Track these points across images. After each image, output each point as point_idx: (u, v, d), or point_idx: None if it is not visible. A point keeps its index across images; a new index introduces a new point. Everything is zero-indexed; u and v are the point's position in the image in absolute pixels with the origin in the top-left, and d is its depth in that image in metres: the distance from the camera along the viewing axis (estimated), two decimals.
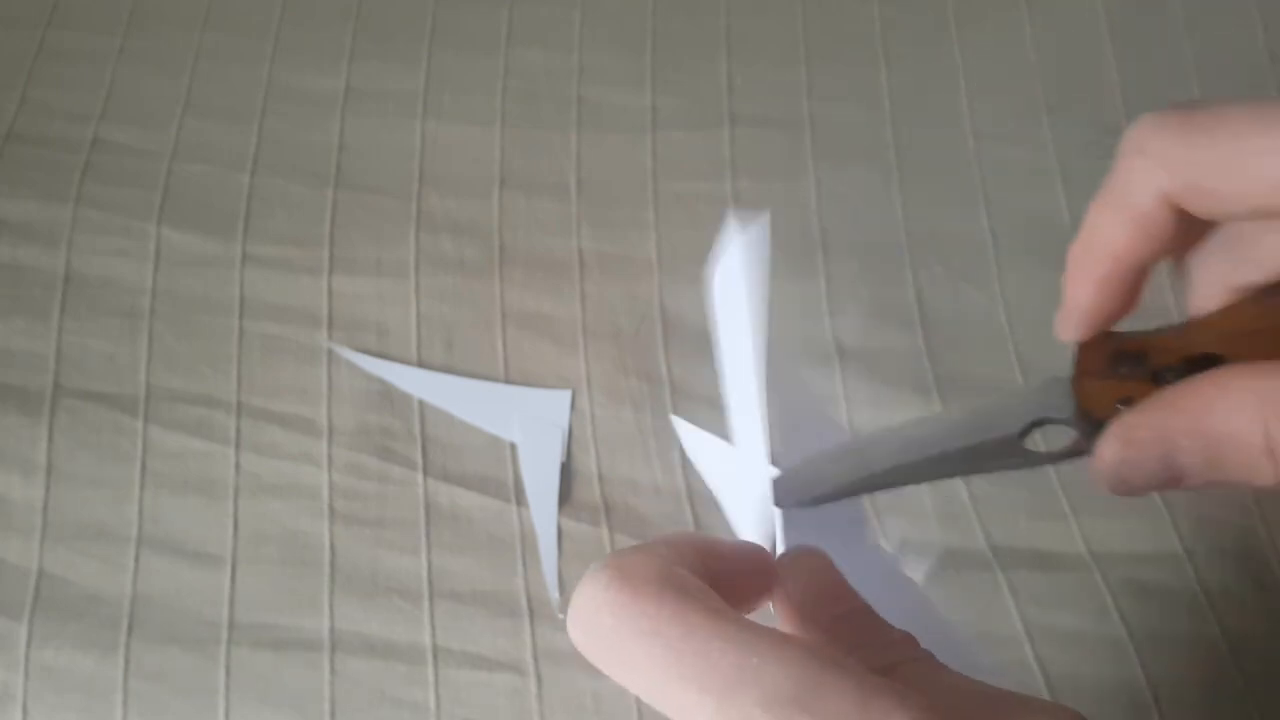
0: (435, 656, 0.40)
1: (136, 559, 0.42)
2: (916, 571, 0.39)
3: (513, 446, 0.44)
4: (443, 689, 0.40)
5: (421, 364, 0.46)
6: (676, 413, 0.45)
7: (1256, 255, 0.23)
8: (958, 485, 0.44)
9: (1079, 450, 0.26)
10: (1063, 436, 0.27)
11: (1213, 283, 0.24)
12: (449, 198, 0.50)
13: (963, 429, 0.27)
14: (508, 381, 0.46)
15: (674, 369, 0.46)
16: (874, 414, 0.45)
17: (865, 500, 0.42)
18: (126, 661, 0.40)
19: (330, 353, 0.46)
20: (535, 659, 0.40)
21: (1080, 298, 0.26)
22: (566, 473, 0.44)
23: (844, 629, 0.24)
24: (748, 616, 0.22)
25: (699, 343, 0.47)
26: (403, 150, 0.51)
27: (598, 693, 0.40)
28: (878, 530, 0.41)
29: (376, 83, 0.53)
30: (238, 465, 0.44)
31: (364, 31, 0.55)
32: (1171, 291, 0.25)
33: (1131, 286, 0.25)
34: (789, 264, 0.49)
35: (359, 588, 0.42)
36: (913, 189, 0.51)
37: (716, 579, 0.23)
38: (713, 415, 0.45)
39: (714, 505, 0.43)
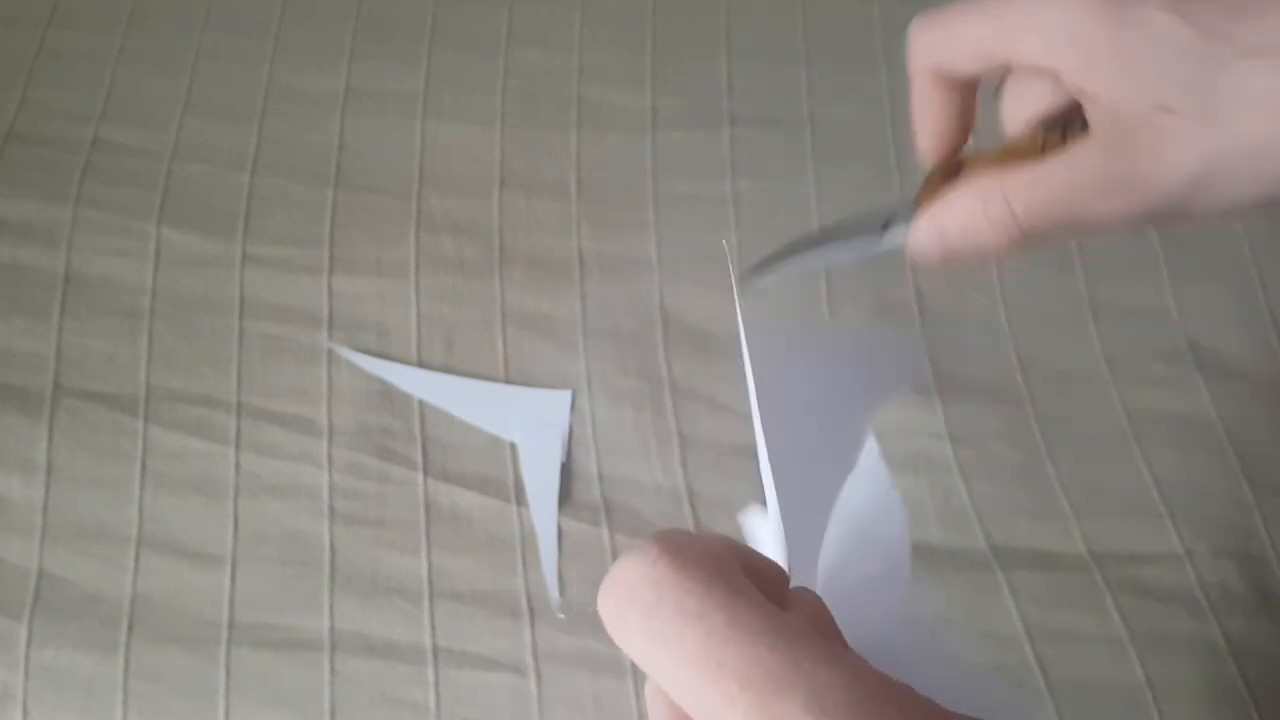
0: (435, 656, 0.40)
1: (136, 559, 0.42)
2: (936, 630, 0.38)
3: (513, 446, 0.44)
4: (443, 689, 0.40)
5: (421, 364, 0.46)
6: (677, 413, 0.45)
7: (1030, 97, 0.32)
8: (958, 485, 0.44)
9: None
10: None
11: (1011, 119, 0.33)
12: (449, 198, 0.50)
13: (846, 222, 0.35)
14: (508, 381, 0.46)
15: (674, 369, 0.46)
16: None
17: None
18: (126, 661, 0.40)
19: (330, 353, 0.46)
20: (535, 659, 0.40)
21: (920, 139, 0.35)
22: (566, 473, 0.44)
23: None
24: None
25: (699, 343, 0.47)
26: (403, 150, 0.51)
27: (598, 693, 0.40)
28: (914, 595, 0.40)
29: (376, 83, 0.53)
30: (238, 465, 0.44)
31: (364, 31, 0.55)
32: None
33: (950, 126, 0.34)
34: None
35: (359, 588, 0.42)
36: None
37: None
38: (713, 415, 0.45)
39: (713, 506, 0.44)
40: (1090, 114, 0.29)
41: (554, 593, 0.42)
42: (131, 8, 0.55)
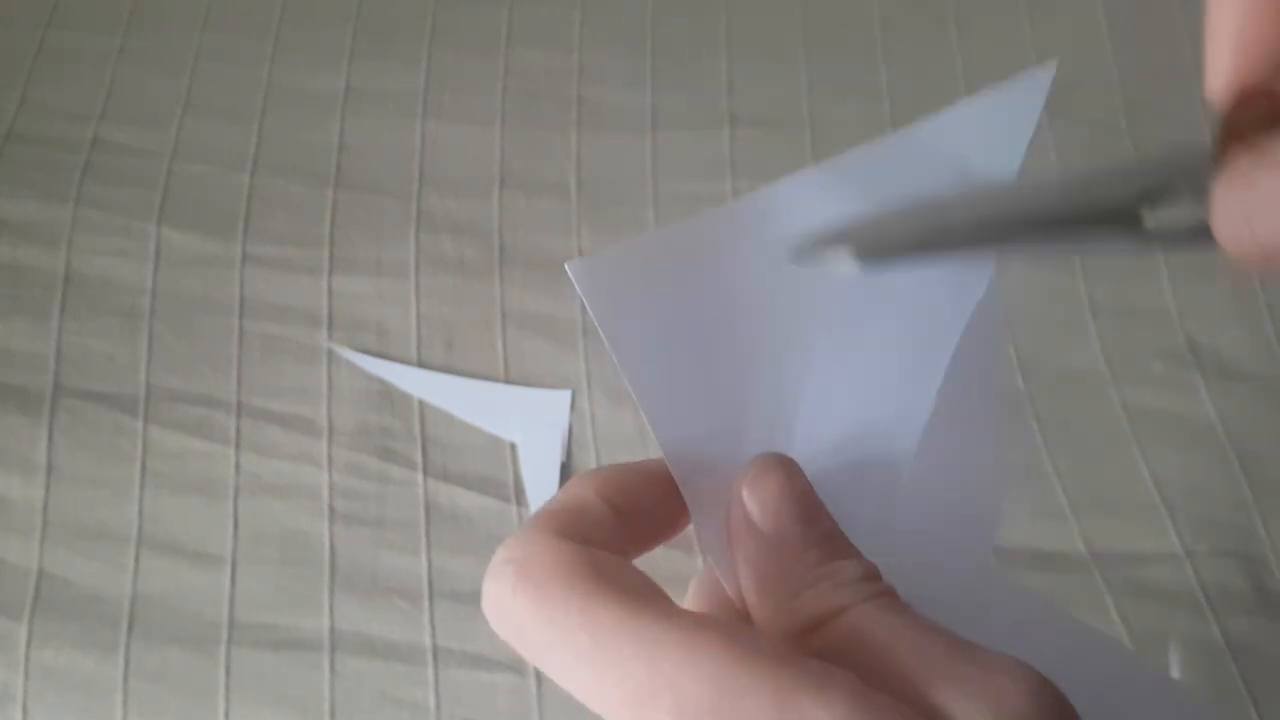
0: (435, 656, 0.40)
1: (136, 559, 0.42)
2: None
3: (513, 446, 0.44)
4: (443, 689, 0.40)
5: (421, 364, 0.46)
6: None
7: None
8: None
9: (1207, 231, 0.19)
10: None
11: None
12: (449, 198, 0.50)
13: (1065, 189, 0.22)
14: (508, 381, 0.46)
15: None
16: None
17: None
18: (126, 661, 0.40)
19: (330, 353, 0.46)
20: None
21: (1216, 54, 0.21)
22: (566, 473, 0.44)
23: (807, 558, 0.22)
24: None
25: None
26: (403, 150, 0.51)
27: None
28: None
29: (376, 83, 0.53)
30: (238, 465, 0.44)
31: (364, 31, 0.55)
32: None
33: (1272, 31, 0.20)
34: None
35: (359, 588, 0.42)
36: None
37: (630, 514, 0.23)
38: None
39: None
40: None
41: None
42: (131, 8, 0.55)
